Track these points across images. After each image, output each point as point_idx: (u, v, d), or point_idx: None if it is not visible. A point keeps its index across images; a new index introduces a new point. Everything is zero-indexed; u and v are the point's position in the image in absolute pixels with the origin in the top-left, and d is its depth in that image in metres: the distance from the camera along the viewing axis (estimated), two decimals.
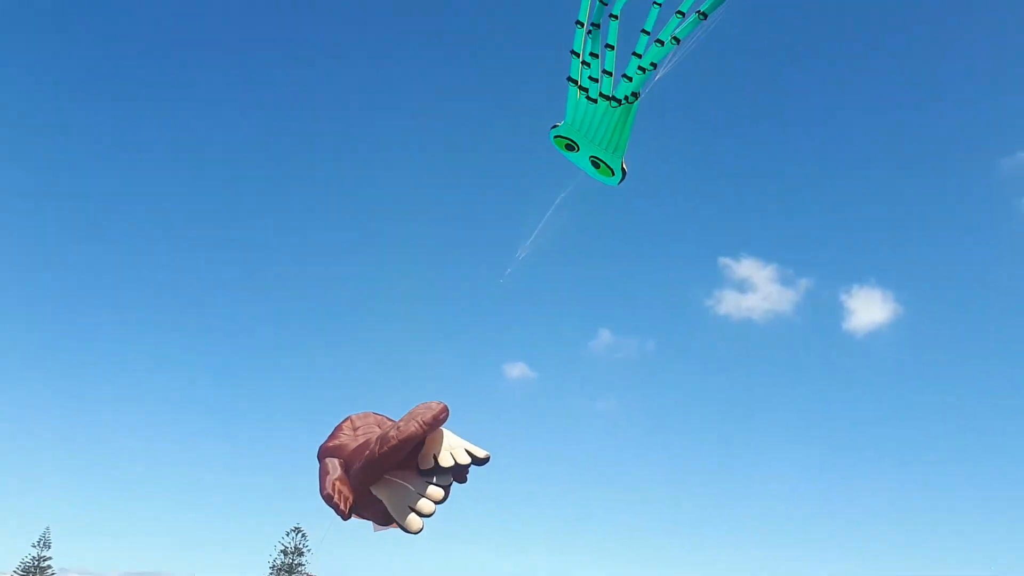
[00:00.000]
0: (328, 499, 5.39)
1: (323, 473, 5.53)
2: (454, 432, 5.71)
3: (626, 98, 6.35)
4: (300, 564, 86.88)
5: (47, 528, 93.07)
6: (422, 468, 5.46)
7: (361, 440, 5.61)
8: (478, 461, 5.51)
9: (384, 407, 6.20)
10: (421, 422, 5.26)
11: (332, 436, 5.85)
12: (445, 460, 5.35)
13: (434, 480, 5.38)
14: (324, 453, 5.70)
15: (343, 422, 5.98)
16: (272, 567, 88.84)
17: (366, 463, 5.27)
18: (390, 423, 5.70)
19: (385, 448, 5.18)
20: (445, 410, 5.45)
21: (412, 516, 5.36)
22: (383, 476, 5.45)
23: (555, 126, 6.80)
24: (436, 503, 5.33)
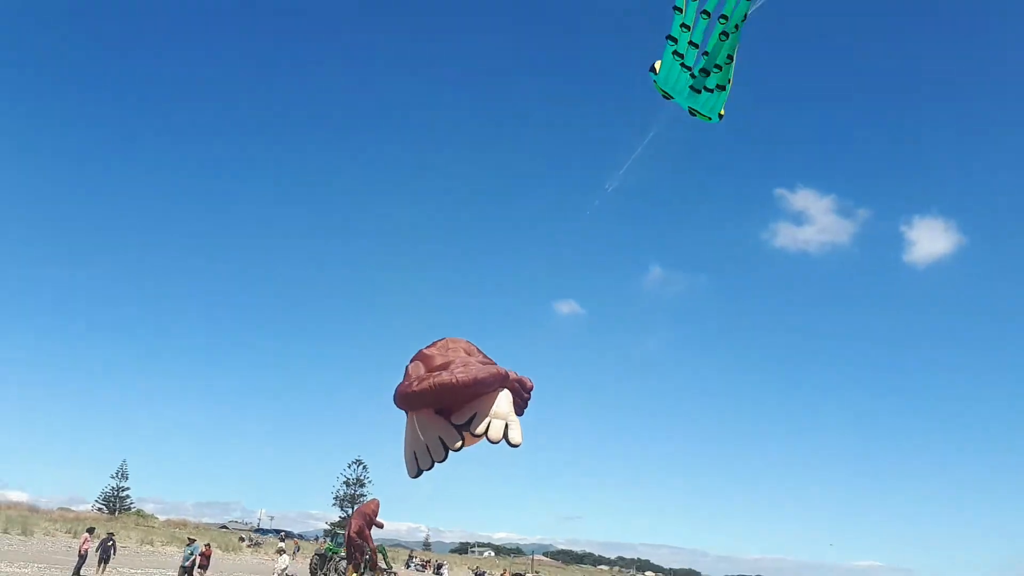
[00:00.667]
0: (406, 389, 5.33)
1: (407, 374, 5.57)
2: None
3: (716, 66, 6.88)
4: (362, 495, 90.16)
5: (124, 461, 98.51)
6: (455, 421, 5.42)
7: (448, 358, 5.58)
8: (509, 443, 5.40)
9: (439, 338, 6.09)
10: (495, 373, 5.30)
11: (427, 348, 5.79)
12: (479, 428, 5.30)
13: (460, 436, 5.34)
14: (414, 358, 5.72)
15: (440, 340, 5.82)
16: (336, 497, 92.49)
17: (438, 382, 5.28)
18: (480, 356, 5.68)
19: (463, 379, 5.21)
20: (529, 386, 5.52)
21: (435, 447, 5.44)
22: (433, 404, 5.45)
23: (653, 70, 7.18)
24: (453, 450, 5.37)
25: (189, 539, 36.14)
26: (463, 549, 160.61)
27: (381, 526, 23.32)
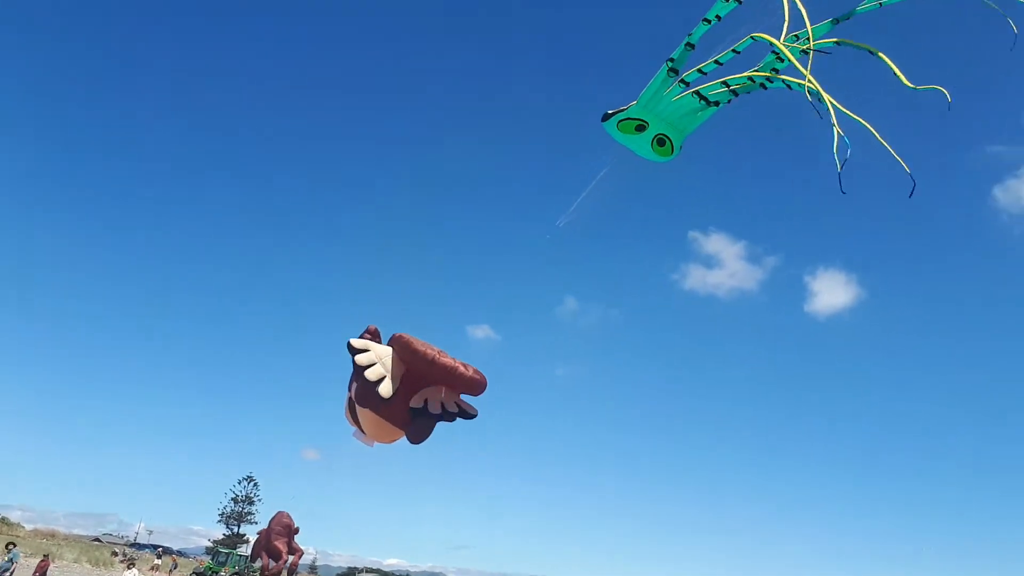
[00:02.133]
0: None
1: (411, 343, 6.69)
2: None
3: (717, 103, 7.47)
4: (249, 513, 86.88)
5: None
6: (412, 406, 6.35)
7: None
8: (466, 415, 6.42)
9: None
10: (450, 363, 6.33)
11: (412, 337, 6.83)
12: (434, 408, 6.23)
13: (415, 420, 6.41)
14: (405, 337, 6.78)
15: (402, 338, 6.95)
16: (221, 514, 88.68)
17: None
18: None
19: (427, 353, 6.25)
20: (480, 384, 6.61)
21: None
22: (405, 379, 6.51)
23: (614, 113, 7.78)
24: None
25: (8, 545, 30.99)
26: (351, 574, 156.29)
27: (298, 531, 22.66)
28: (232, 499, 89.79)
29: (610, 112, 7.87)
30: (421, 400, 6.73)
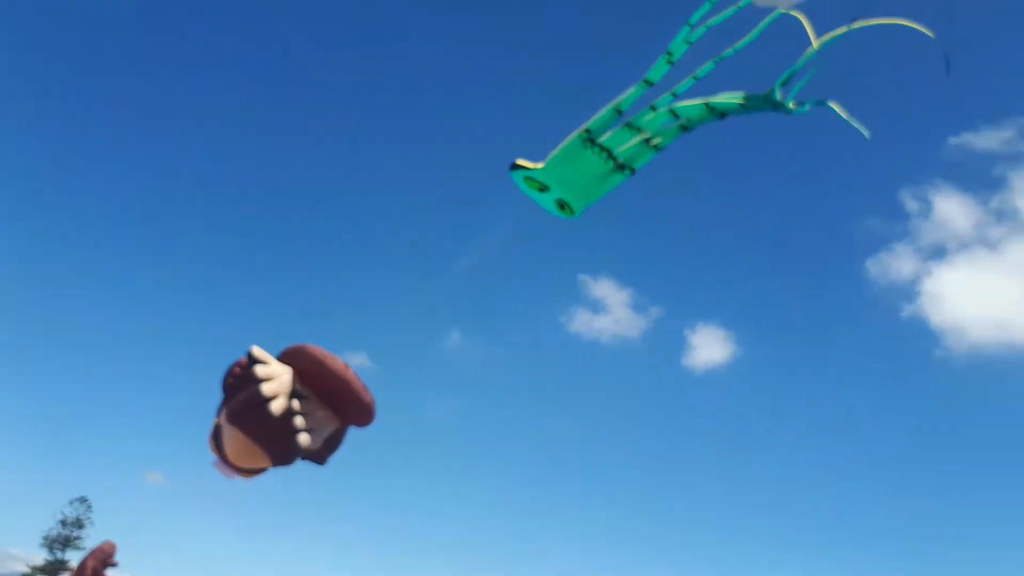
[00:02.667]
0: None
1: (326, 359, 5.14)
2: None
3: (631, 168, 7.10)
4: (78, 538, 79.21)
5: None
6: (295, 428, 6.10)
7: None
8: (323, 456, 6.25)
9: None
10: (358, 384, 5.56)
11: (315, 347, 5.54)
12: (316, 441, 4.76)
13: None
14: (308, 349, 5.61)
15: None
16: (46, 537, 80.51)
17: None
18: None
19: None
20: (371, 416, 4.80)
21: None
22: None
23: (522, 166, 7.06)
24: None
25: None
26: None
27: (116, 564, 19.47)
28: (60, 521, 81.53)
29: (519, 163, 7.23)
30: (309, 425, 4.44)
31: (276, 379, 5.72)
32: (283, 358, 6.09)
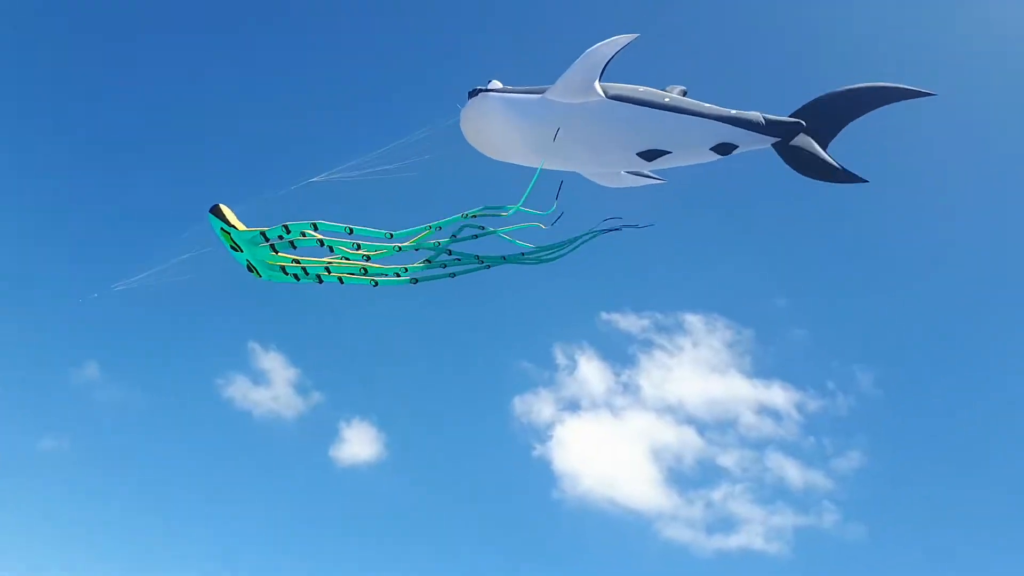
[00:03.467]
0: None
1: None
2: None
3: (295, 276, 9.42)
4: None
5: None
6: None
7: None
8: None
9: None
10: None
11: None
12: None
13: None
14: None
15: None
16: None
17: None
18: None
19: None
20: None
21: None
22: None
23: (223, 217, 8.87)
24: None
25: None
26: None
27: None
28: None
29: (221, 210, 8.77)
30: None
31: None
32: None
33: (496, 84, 10.15)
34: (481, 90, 10.05)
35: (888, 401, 37.11)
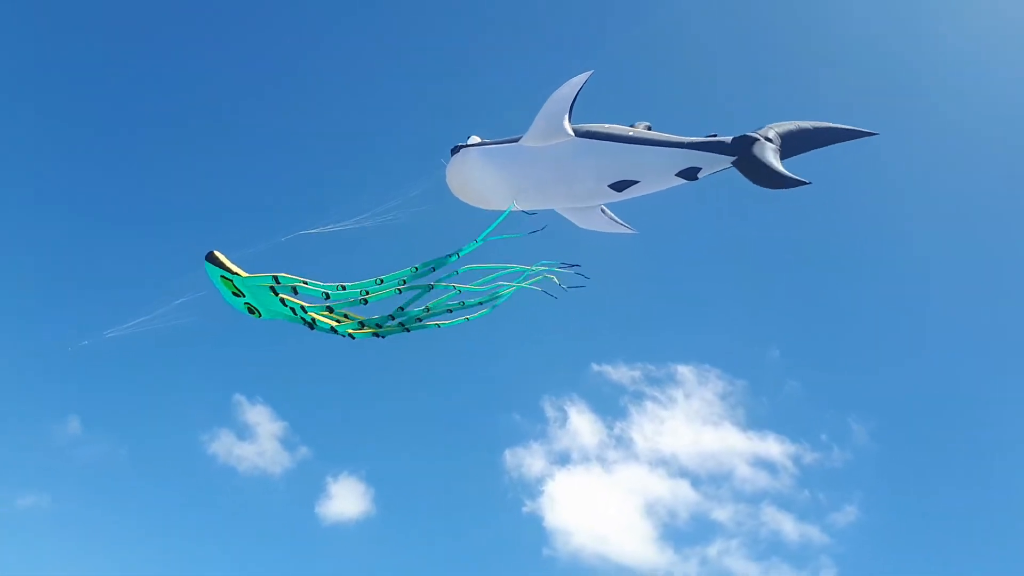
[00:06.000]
0: None
1: None
2: None
3: (308, 323, 9.49)
4: None
5: None
6: None
7: None
8: None
9: None
10: None
11: None
12: None
13: None
14: None
15: None
16: None
17: None
18: None
19: None
20: None
21: None
22: None
23: (222, 264, 8.91)
24: None
25: None
26: None
27: None
28: None
29: (218, 258, 8.86)
30: None
31: None
32: None
33: (475, 139, 10.91)
34: (462, 146, 10.85)
35: (884, 454, 36.49)
